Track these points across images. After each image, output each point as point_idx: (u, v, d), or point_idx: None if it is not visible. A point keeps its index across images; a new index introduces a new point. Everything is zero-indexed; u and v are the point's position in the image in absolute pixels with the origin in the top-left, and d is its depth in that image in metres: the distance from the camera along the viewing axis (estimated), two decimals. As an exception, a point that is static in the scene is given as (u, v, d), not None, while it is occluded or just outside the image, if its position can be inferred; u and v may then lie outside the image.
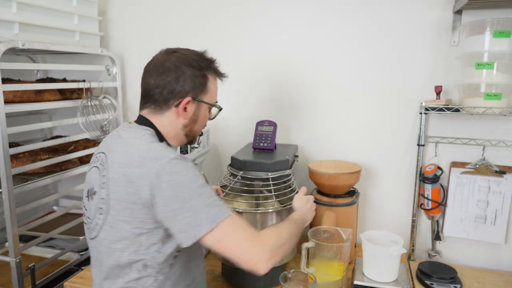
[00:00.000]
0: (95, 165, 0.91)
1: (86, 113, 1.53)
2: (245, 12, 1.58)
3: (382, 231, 1.22)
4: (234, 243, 0.81)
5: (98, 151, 0.94)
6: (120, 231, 0.83)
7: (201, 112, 0.98)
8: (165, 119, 0.94)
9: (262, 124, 1.41)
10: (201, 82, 0.94)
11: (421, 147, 1.42)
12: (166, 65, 0.92)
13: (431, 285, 1.24)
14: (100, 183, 0.86)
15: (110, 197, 0.83)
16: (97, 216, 0.87)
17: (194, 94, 0.93)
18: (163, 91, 0.91)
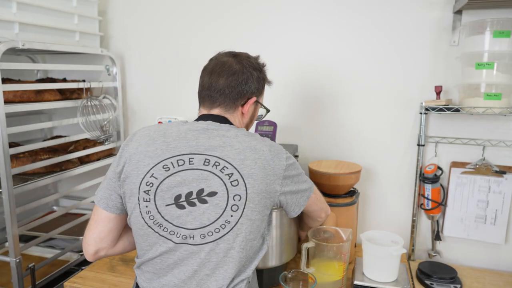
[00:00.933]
0: (187, 169, 0.86)
1: (86, 113, 1.53)
2: (245, 13, 1.58)
3: (382, 231, 1.23)
4: (321, 201, 1.10)
5: (173, 156, 0.87)
6: (255, 221, 0.89)
7: (256, 113, 1.07)
8: (236, 118, 0.99)
9: (262, 124, 1.41)
10: (262, 85, 1.03)
11: (421, 147, 1.42)
12: (234, 67, 0.97)
13: (431, 285, 1.24)
14: (228, 182, 0.86)
15: (249, 191, 0.87)
16: (229, 213, 0.85)
17: (256, 95, 1.02)
18: (233, 91, 0.96)
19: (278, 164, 0.91)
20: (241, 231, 0.86)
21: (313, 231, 1.22)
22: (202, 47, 1.66)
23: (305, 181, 1.00)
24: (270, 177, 0.89)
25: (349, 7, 1.46)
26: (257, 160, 0.88)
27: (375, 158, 1.52)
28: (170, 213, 0.86)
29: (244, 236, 0.87)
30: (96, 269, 1.36)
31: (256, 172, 0.87)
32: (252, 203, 0.87)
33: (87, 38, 1.63)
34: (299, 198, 0.98)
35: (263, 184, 0.88)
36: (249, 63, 0.99)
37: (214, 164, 0.86)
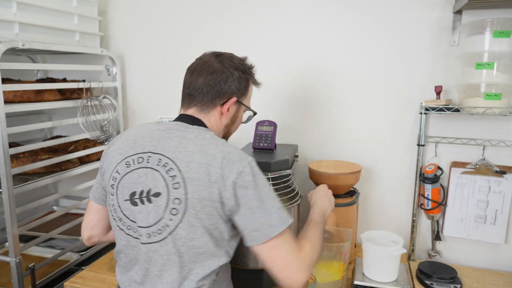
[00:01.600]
0: (143, 167, 0.87)
1: (86, 113, 1.53)
2: (245, 14, 1.58)
3: (382, 231, 1.23)
4: (283, 254, 0.85)
5: (136, 153, 0.90)
6: (198, 228, 0.84)
7: (239, 114, 1.04)
8: (212, 118, 0.97)
9: (262, 124, 1.41)
10: (245, 85, 1.00)
11: (421, 147, 1.42)
12: (214, 66, 0.96)
13: (431, 285, 1.24)
14: (170, 183, 0.84)
15: (189, 196, 0.83)
16: (168, 217, 0.84)
17: (238, 95, 0.99)
18: (211, 90, 0.95)
19: (228, 173, 0.83)
20: (181, 236, 0.84)
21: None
22: (202, 47, 1.65)
23: (271, 209, 0.84)
24: (216, 185, 0.82)
25: (349, 7, 1.46)
26: (204, 165, 0.83)
27: (375, 158, 1.52)
28: (127, 208, 0.89)
29: (184, 242, 0.84)
30: (96, 269, 1.36)
31: (200, 177, 0.82)
32: (193, 209, 0.83)
33: (87, 38, 1.63)
34: (259, 223, 0.83)
35: (206, 192, 0.82)
36: (230, 63, 0.98)
37: (163, 165, 0.86)
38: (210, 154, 0.84)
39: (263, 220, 0.83)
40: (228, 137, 1.06)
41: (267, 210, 0.84)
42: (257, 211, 0.83)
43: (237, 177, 0.83)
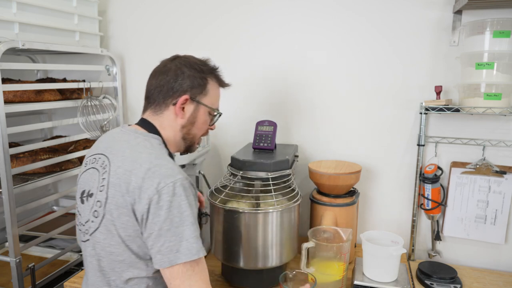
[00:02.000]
0: (93, 167, 0.91)
1: (86, 113, 1.53)
2: (246, 14, 1.58)
3: (382, 231, 1.22)
4: (191, 286, 0.80)
5: (96, 153, 0.93)
6: (115, 236, 0.83)
7: (199, 114, 0.98)
8: (165, 120, 0.95)
9: (262, 124, 1.41)
10: (200, 83, 0.96)
11: (421, 147, 1.42)
12: (168, 66, 0.96)
13: (431, 285, 1.24)
14: (99, 185, 0.86)
15: (108, 201, 0.83)
16: (92, 218, 0.86)
17: (192, 94, 0.95)
18: (162, 90, 0.94)
19: (148, 186, 0.79)
20: (99, 240, 0.85)
21: (313, 231, 1.22)
22: (202, 47, 1.66)
23: (183, 235, 0.79)
24: (133, 195, 0.80)
25: (349, 7, 1.46)
26: (128, 172, 0.82)
27: (375, 158, 1.52)
28: (79, 205, 0.92)
29: (102, 247, 0.85)
30: (96, 269, 1.36)
31: (120, 183, 0.81)
32: (110, 215, 0.82)
33: (87, 38, 1.63)
34: (164, 247, 0.79)
35: (122, 200, 0.81)
36: (184, 62, 0.96)
37: (104, 166, 0.87)
38: (137, 163, 0.82)
39: (170, 245, 0.79)
40: (192, 142, 1.01)
41: (178, 236, 0.79)
42: (167, 234, 0.79)
43: (154, 193, 0.79)
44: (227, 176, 1.28)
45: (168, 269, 0.80)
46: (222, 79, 1.03)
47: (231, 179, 1.24)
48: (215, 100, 1.02)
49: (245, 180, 1.22)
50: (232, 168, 1.28)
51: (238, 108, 1.65)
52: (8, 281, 1.30)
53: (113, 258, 0.85)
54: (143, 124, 0.96)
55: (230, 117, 1.67)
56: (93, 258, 0.88)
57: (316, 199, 1.38)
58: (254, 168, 1.21)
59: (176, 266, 0.79)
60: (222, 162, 1.72)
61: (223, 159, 1.72)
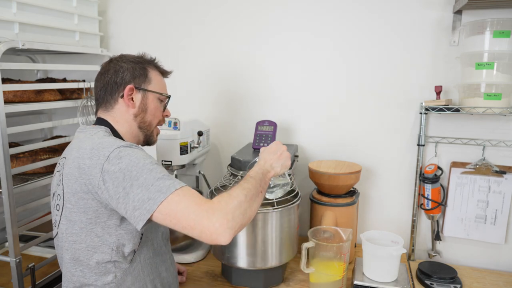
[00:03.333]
0: (57, 170, 0.95)
1: (86, 113, 1.53)
2: (245, 14, 1.58)
3: (382, 231, 1.22)
4: (183, 212, 0.76)
5: (63, 156, 0.97)
6: (76, 223, 0.86)
7: (149, 101, 1.01)
8: (117, 114, 0.99)
9: (262, 124, 1.41)
10: (140, 73, 0.99)
11: (421, 147, 1.42)
12: (106, 67, 1.00)
13: (431, 285, 1.24)
14: (57, 181, 0.91)
15: (65, 191, 0.87)
16: (55, 212, 0.92)
17: (136, 83, 0.98)
18: (107, 88, 0.98)
19: (96, 162, 0.82)
20: (63, 231, 0.89)
21: (313, 231, 1.22)
22: (202, 48, 1.66)
23: (148, 183, 0.78)
24: (85, 176, 0.82)
25: (349, 8, 1.46)
26: (76, 159, 0.86)
27: (375, 158, 1.52)
28: (53, 206, 0.95)
29: (66, 237, 0.88)
30: (96, 269, 1.35)
31: (72, 171, 0.85)
32: (69, 203, 0.86)
33: (87, 38, 1.63)
34: (136, 201, 0.78)
35: (77, 184, 0.83)
36: (120, 59, 1.00)
37: (62, 165, 0.92)
38: (82, 148, 0.86)
39: (141, 197, 0.77)
40: (148, 129, 1.02)
41: (143, 185, 0.78)
42: (132, 189, 0.78)
43: (103, 163, 0.81)
44: (227, 176, 1.28)
45: (154, 215, 0.77)
46: (162, 68, 1.06)
47: (231, 179, 1.24)
48: (161, 86, 1.04)
49: (245, 180, 1.22)
50: (232, 168, 1.28)
51: (238, 108, 1.65)
52: (8, 281, 1.30)
53: (76, 247, 0.87)
54: (98, 122, 0.99)
55: (230, 117, 1.67)
56: (61, 250, 0.92)
57: (316, 199, 1.38)
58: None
59: (155, 213, 0.77)
60: (222, 162, 1.72)
61: (223, 159, 1.72)
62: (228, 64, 1.63)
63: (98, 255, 0.87)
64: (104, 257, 0.87)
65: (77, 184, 0.84)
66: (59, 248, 0.94)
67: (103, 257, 0.87)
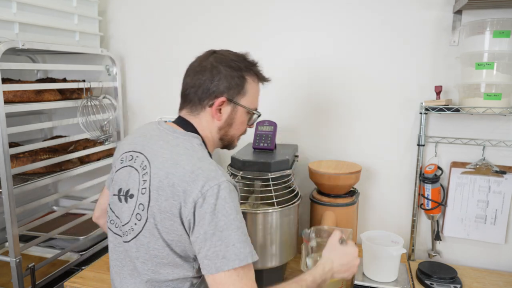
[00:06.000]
0: (131, 165, 0.88)
1: (86, 113, 1.53)
2: (246, 12, 1.58)
3: (382, 231, 1.22)
4: None
5: (133, 150, 0.90)
6: (159, 240, 0.81)
7: (237, 116, 0.94)
8: (203, 120, 0.92)
9: (262, 124, 1.41)
10: (237, 83, 0.91)
11: (421, 147, 1.42)
12: (203, 64, 0.91)
13: (431, 285, 1.24)
14: (140, 188, 0.83)
15: (151, 204, 0.80)
16: (134, 221, 0.84)
17: (229, 95, 0.90)
18: (198, 91, 0.90)
19: (192, 190, 0.77)
20: (143, 243, 0.83)
21: (315, 230, 1.22)
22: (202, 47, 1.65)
23: (230, 240, 0.75)
24: (178, 199, 0.78)
25: (349, 8, 1.46)
26: (171, 175, 0.79)
27: (375, 158, 1.52)
28: (114, 202, 0.90)
29: (146, 250, 0.82)
30: (96, 269, 1.36)
31: (164, 187, 0.79)
32: (153, 218, 0.80)
33: (87, 38, 1.63)
34: (210, 252, 0.75)
35: (167, 203, 0.78)
36: (221, 59, 0.91)
37: (143, 167, 0.85)
38: (180, 166, 0.80)
39: (216, 250, 0.75)
40: (230, 141, 0.99)
41: (225, 241, 0.75)
42: (212, 238, 0.75)
43: (199, 196, 0.76)
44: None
45: (213, 276, 0.75)
46: (261, 74, 0.97)
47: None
48: (254, 99, 0.96)
49: (245, 181, 1.22)
50: (232, 168, 1.28)
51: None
52: (8, 281, 1.30)
53: (157, 261, 0.82)
54: (181, 123, 0.92)
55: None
56: (133, 258, 0.86)
57: (316, 199, 1.38)
58: (254, 168, 1.21)
59: (223, 273, 0.75)
60: (222, 162, 1.72)
61: (223, 159, 1.72)
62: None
63: (179, 270, 0.83)
64: (186, 273, 0.84)
65: (167, 203, 0.79)
66: (130, 255, 0.87)
67: (184, 273, 0.84)
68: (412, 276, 1.32)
